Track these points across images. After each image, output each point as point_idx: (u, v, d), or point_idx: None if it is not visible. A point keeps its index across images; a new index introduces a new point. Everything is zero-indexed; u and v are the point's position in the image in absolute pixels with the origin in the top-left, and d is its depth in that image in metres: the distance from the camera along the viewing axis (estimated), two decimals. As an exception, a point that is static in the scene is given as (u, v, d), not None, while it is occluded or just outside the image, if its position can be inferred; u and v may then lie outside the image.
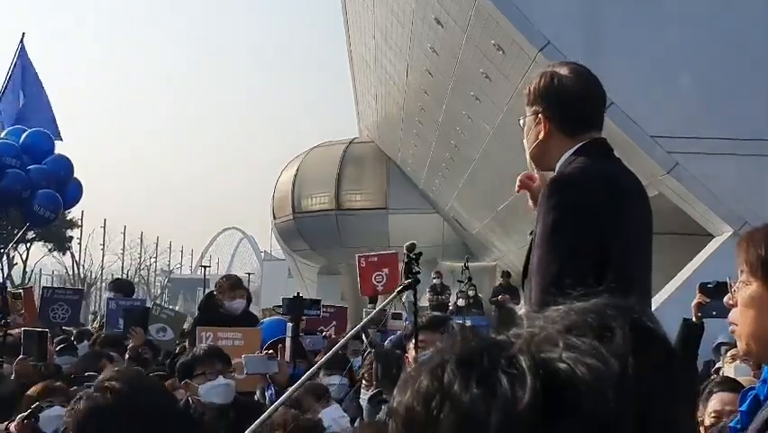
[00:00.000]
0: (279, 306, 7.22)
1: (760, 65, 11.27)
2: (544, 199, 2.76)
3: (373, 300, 10.97)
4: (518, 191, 3.20)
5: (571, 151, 2.84)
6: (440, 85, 19.51)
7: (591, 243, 2.71)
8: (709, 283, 3.80)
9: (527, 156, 2.98)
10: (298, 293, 7.27)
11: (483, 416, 0.73)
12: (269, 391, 5.48)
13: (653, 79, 11.21)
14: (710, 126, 11.20)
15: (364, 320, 3.21)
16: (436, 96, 20.51)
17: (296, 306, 6.94)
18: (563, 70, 2.90)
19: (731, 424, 2.06)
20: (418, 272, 3.58)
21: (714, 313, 3.69)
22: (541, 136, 2.87)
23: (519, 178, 3.20)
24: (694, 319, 3.81)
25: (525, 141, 2.98)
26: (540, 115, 2.86)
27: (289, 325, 6.84)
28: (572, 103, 2.85)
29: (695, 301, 3.84)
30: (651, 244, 2.98)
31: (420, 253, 3.60)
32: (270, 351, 5.00)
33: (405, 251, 3.62)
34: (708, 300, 3.76)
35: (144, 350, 7.17)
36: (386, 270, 9.83)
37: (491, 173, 19.95)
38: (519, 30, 12.26)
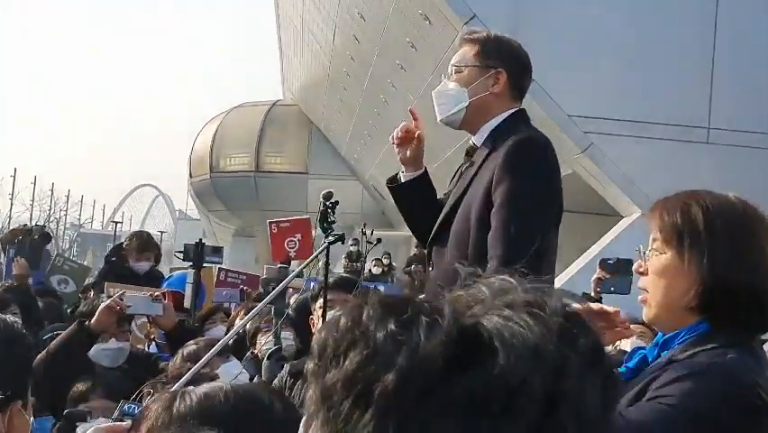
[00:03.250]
0: (180, 251, 6.99)
1: (677, 50, 11.52)
2: (513, 159, 2.77)
3: (286, 264, 10.81)
4: (394, 142, 3.05)
5: (507, 114, 2.92)
6: (366, 51, 19.38)
7: (557, 207, 2.85)
8: (610, 260, 3.90)
9: (462, 105, 2.94)
10: (200, 239, 6.99)
11: (392, 353, 0.73)
12: (152, 347, 5.34)
13: (573, 59, 11.33)
14: (626, 108, 11.42)
15: (286, 280, 3.15)
16: (362, 62, 20.37)
17: (197, 252, 6.72)
18: (514, 42, 3.03)
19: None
20: (334, 222, 3.53)
21: (612, 288, 3.79)
22: (495, 90, 2.91)
23: (400, 128, 3.04)
24: (593, 294, 3.90)
25: (464, 90, 2.94)
26: (501, 73, 2.91)
27: (190, 271, 6.64)
28: (526, 70, 3.00)
29: (595, 276, 3.94)
30: None
31: (337, 202, 3.55)
32: (156, 293, 4.85)
33: (321, 199, 3.58)
34: (607, 276, 3.86)
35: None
36: (298, 235, 9.68)
37: (412, 144, 19.97)
38: (446, 1, 12.24)
